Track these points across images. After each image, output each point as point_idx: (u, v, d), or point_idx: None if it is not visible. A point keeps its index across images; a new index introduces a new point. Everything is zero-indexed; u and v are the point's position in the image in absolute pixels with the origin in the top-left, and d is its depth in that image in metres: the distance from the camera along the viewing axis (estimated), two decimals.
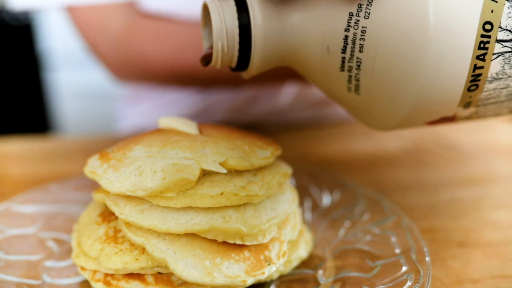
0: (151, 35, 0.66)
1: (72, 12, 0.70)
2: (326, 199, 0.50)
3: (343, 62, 0.36)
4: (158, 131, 0.41)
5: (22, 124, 2.21)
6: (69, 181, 0.53)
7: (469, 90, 0.34)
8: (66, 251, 0.43)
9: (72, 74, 2.11)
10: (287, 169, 0.42)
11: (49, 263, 0.41)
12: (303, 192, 0.51)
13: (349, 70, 0.36)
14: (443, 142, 0.73)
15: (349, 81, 0.36)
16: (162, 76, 0.68)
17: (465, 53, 0.32)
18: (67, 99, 2.18)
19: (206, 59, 0.38)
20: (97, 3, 0.68)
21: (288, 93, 0.82)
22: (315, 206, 0.49)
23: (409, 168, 0.64)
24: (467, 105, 0.36)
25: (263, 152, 0.39)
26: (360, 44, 0.34)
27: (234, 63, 0.38)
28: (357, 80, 0.36)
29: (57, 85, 2.18)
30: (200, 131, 0.41)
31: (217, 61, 0.37)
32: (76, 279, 0.39)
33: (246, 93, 0.80)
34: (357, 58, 0.35)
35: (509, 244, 0.45)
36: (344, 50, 0.35)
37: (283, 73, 0.64)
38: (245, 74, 0.39)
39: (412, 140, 0.74)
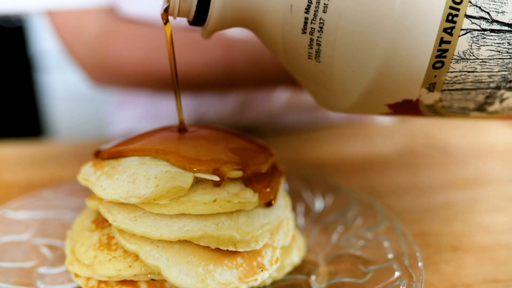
0: (127, 39, 0.66)
1: (51, 16, 0.70)
2: (319, 204, 0.50)
3: (305, 23, 0.34)
4: (151, 134, 0.41)
5: (14, 126, 2.21)
6: (62, 187, 0.53)
7: (434, 67, 0.33)
8: (60, 258, 0.43)
9: (64, 76, 2.11)
10: (281, 175, 0.42)
11: (42, 270, 0.41)
12: (296, 197, 0.51)
13: (311, 33, 0.34)
14: (436, 144, 0.74)
15: (310, 45, 0.35)
16: (137, 80, 0.68)
17: (432, 23, 0.31)
18: (60, 101, 2.18)
19: (166, 10, 0.37)
20: (75, 7, 0.68)
21: (280, 97, 0.82)
22: (308, 211, 0.49)
23: (401, 171, 0.64)
24: (431, 87, 0.34)
25: (257, 158, 0.39)
26: (324, 4, 0.33)
27: (191, 16, 0.37)
28: (319, 45, 0.35)
29: (49, 87, 2.17)
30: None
31: (174, 9, 0.36)
32: (70, 286, 0.39)
33: (237, 98, 0.80)
34: (320, 19, 0.34)
35: (502, 248, 0.45)
36: (307, 10, 0.34)
37: (274, 79, 0.64)
38: (203, 32, 0.39)
39: (405, 143, 0.74)
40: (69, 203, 0.50)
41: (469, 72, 0.34)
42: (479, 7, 0.31)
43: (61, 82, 2.15)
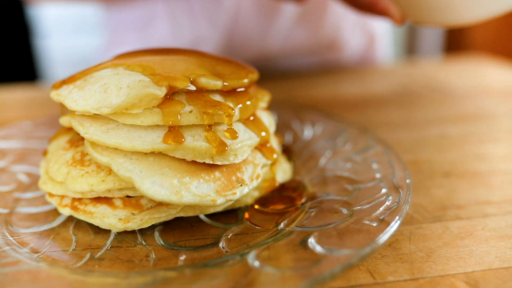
0: None
1: None
2: (307, 132, 0.48)
3: None
4: (129, 54, 0.39)
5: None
6: (43, 119, 0.51)
7: None
8: (37, 184, 0.41)
9: (63, 40, 2.09)
10: (264, 94, 0.40)
11: (18, 194, 0.40)
12: (284, 127, 0.49)
13: None
14: (432, 85, 0.72)
15: None
16: None
17: None
18: (58, 65, 2.15)
19: None
20: None
21: (276, 38, 0.79)
22: (296, 139, 0.48)
23: (397, 108, 0.62)
24: None
25: (237, 74, 0.37)
26: None
27: None
28: None
29: (47, 51, 2.15)
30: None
31: None
32: (44, 208, 0.38)
33: (235, 36, 0.78)
34: None
35: (495, 174, 0.43)
36: None
37: None
38: None
39: (402, 84, 0.72)
40: (49, 134, 0.48)
41: None
42: None
43: (59, 47, 2.13)
